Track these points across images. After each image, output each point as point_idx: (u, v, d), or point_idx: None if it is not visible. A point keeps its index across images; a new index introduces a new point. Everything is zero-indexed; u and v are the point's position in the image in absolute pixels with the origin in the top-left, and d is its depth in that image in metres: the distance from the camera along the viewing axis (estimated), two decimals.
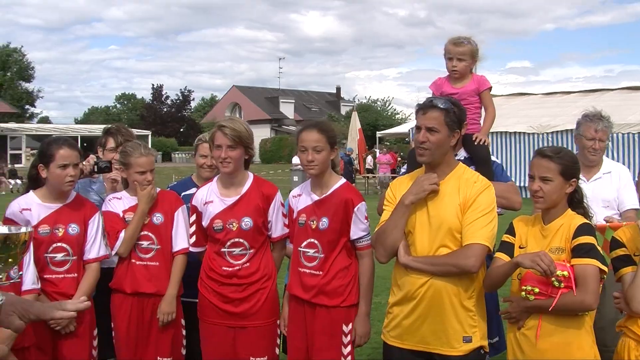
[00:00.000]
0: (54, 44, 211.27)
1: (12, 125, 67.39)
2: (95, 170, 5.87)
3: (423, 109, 4.47)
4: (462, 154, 5.50)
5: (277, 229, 5.36)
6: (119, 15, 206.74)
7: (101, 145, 6.36)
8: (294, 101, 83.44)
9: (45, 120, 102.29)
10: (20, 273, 4.36)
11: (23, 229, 2.52)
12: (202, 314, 5.33)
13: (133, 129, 6.95)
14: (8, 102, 69.67)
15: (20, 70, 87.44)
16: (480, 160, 5.49)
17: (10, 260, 2.39)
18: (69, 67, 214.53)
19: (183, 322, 5.61)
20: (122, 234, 5.38)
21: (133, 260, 5.43)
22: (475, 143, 5.56)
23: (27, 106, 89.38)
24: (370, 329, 5.14)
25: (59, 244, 5.10)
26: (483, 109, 5.80)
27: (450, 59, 5.68)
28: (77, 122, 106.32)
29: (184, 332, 5.62)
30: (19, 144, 62.09)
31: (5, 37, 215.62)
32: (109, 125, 6.64)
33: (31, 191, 5.26)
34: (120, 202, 5.55)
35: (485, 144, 5.60)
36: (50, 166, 5.03)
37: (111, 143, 6.21)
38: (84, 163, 5.74)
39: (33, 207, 5.12)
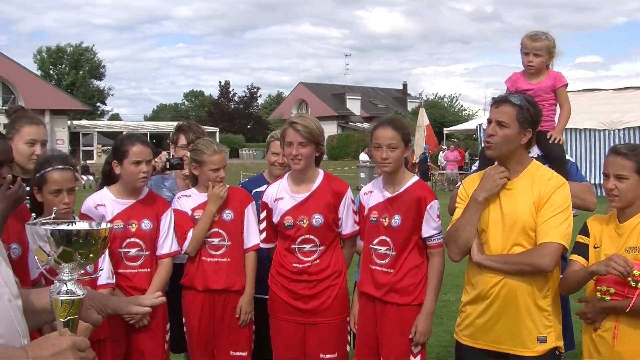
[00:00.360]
0: (124, 42, 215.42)
1: (84, 122, 68.71)
2: (167, 167, 5.93)
3: (497, 102, 4.41)
4: (535, 151, 5.39)
5: (348, 225, 5.34)
6: (186, 14, 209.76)
7: (173, 142, 6.42)
8: (360, 98, 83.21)
9: (115, 117, 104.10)
10: (101, 269, 4.43)
11: (103, 225, 2.55)
12: (272, 310, 5.35)
13: (202, 126, 6.98)
14: (80, 100, 70.91)
15: (91, 69, 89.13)
16: (554, 158, 5.37)
17: (91, 255, 2.42)
18: (138, 65, 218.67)
19: (252, 317, 5.61)
20: (190, 233, 5.43)
21: (204, 257, 5.45)
22: (550, 141, 5.45)
23: (98, 104, 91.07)
24: (431, 328, 5.09)
25: (132, 239, 5.17)
26: (558, 106, 5.67)
27: (526, 54, 5.57)
28: (146, 119, 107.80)
29: (253, 328, 5.63)
30: (90, 140, 63.33)
31: (78, 36, 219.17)
32: (181, 122, 6.67)
33: (105, 187, 5.35)
34: (188, 200, 5.58)
35: (560, 142, 5.48)
36: (124, 162, 5.11)
37: (183, 140, 6.24)
38: (156, 160, 5.79)
39: (107, 203, 5.20)
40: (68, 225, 2.54)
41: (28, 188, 4.69)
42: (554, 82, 5.56)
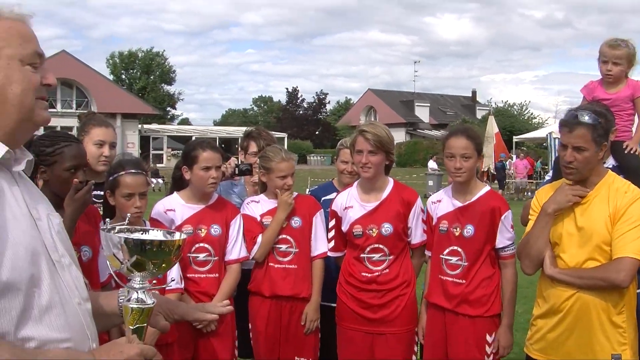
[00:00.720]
0: (194, 48, 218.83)
1: (154, 126, 69.90)
2: (236, 172, 5.94)
3: (568, 125, 4.20)
4: (610, 162, 5.24)
5: (417, 235, 5.27)
6: (256, 20, 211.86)
7: (243, 148, 6.43)
8: (429, 105, 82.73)
9: (185, 121, 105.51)
10: (172, 279, 4.46)
11: (177, 235, 2.54)
12: (340, 318, 5.31)
13: (270, 131, 6.98)
14: (151, 104, 72.03)
15: (162, 74, 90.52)
16: (630, 169, 5.18)
17: (163, 265, 2.42)
18: (208, 71, 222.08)
19: (318, 325, 5.57)
20: (259, 239, 5.41)
21: (271, 264, 5.43)
22: (626, 152, 5.30)
23: (168, 108, 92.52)
24: (513, 340, 5.00)
25: (201, 244, 5.17)
26: (636, 116, 5.50)
27: (605, 62, 5.42)
28: (215, 124, 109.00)
29: (319, 335, 5.60)
30: (160, 144, 64.26)
31: (149, 42, 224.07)
32: (250, 129, 6.67)
33: (175, 192, 5.38)
34: (258, 206, 5.57)
35: (637, 153, 5.32)
36: (194, 168, 5.12)
37: (253, 147, 6.23)
38: (225, 166, 5.80)
39: (177, 207, 5.23)
40: (142, 233, 2.55)
41: (100, 192, 4.77)
42: (633, 92, 5.39)
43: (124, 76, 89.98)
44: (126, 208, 4.55)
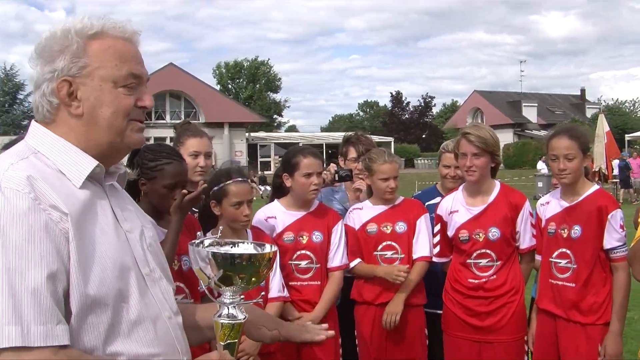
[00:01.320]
0: (299, 55, 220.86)
1: (261, 134, 70.93)
2: (336, 179, 5.87)
3: None
4: None
5: (526, 239, 5.09)
6: (359, 25, 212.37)
7: (342, 154, 6.36)
8: (536, 105, 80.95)
9: (292, 128, 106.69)
10: (262, 294, 4.42)
11: (268, 249, 2.48)
12: (446, 326, 5.19)
13: (376, 136, 6.91)
14: (257, 112, 73.13)
15: (268, 82, 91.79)
16: None
17: (253, 279, 2.34)
18: (313, 77, 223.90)
19: (426, 331, 5.48)
20: (356, 262, 5.36)
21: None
22: None
23: (275, 115, 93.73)
24: (622, 349, 4.74)
25: (303, 252, 5.11)
26: None
27: None
28: (322, 130, 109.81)
29: (427, 342, 5.48)
30: (268, 151, 65.05)
31: (254, 51, 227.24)
32: (350, 134, 6.60)
33: (276, 200, 5.34)
34: (361, 213, 5.49)
35: None
36: (295, 175, 5.07)
37: (352, 153, 6.16)
38: (325, 172, 5.75)
39: (278, 215, 5.18)
40: (231, 246, 2.50)
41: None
42: None
43: (230, 86, 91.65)
44: (235, 217, 4.57)
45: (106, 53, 2.21)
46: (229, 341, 2.33)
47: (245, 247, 2.52)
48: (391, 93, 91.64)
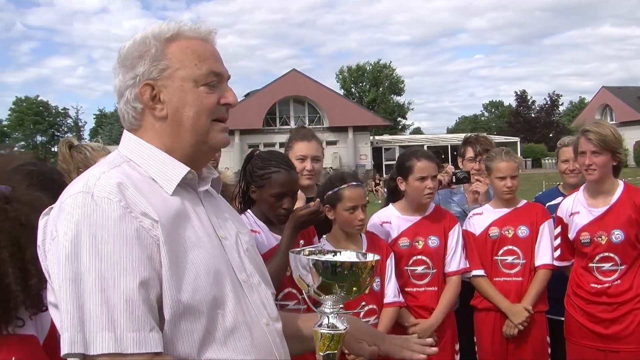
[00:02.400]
0: (421, 57, 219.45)
1: (385, 137, 70.81)
2: (454, 180, 5.77)
3: None
4: None
5: None
6: (481, 25, 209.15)
7: (460, 155, 6.29)
8: None
9: (417, 131, 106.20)
10: (363, 303, 4.37)
11: (370, 257, 2.41)
12: (568, 333, 5.01)
13: (501, 136, 6.77)
14: (381, 116, 73.13)
15: (391, 85, 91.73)
16: None
17: (354, 288, 2.29)
18: (436, 79, 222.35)
19: (549, 339, 5.29)
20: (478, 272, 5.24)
21: (496, 278, 5.24)
22: None
23: (399, 118, 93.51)
24: None
25: (419, 257, 5.02)
26: None
27: None
28: (448, 131, 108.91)
29: (549, 351, 5.29)
30: (392, 155, 64.84)
31: (377, 54, 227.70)
32: (469, 135, 6.53)
33: (391, 204, 5.27)
34: (481, 218, 5.38)
35: None
36: (409, 179, 4.99)
37: (470, 153, 6.09)
38: (442, 174, 5.66)
39: (393, 220, 5.11)
40: (333, 255, 2.45)
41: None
42: None
43: (353, 90, 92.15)
44: (349, 221, 4.53)
45: (184, 53, 2.24)
46: (328, 352, 2.29)
47: (348, 255, 2.47)
48: (516, 92, 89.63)
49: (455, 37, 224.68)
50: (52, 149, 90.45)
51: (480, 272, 5.22)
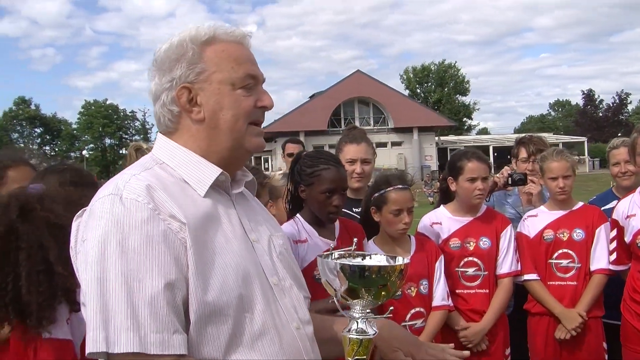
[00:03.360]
0: (487, 57, 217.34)
1: (451, 137, 70.40)
2: (509, 182, 5.65)
3: None
4: None
5: None
6: (547, 23, 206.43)
7: (514, 156, 6.20)
8: None
9: (484, 131, 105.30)
10: (391, 308, 4.30)
11: (400, 260, 2.35)
12: (625, 339, 4.85)
13: (568, 136, 6.65)
14: (446, 116, 72.75)
15: (456, 85, 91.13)
16: None
17: (383, 293, 2.24)
18: (502, 79, 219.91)
19: (605, 345, 5.14)
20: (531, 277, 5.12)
21: (550, 282, 5.11)
22: None
23: (464, 119, 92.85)
24: None
25: (470, 258, 4.93)
26: None
27: None
28: (515, 131, 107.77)
29: (606, 357, 5.14)
30: None
31: (442, 54, 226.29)
32: (522, 135, 6.42)
33: (442, 205, 5.20)
34: (535, 221, 5.25)
35: None
36: (459, 179, 4.92)
37: (523, 153, 5.99)
38: (497, 175, 5.58)
39: (443, 220, 5.04)
40: (362, 259, 2.41)
41: (359, 209, 4.74)
42: None
43: (418, 90, 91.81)
44: (394, 224, 4.47)
45: (221, 57, 2.24)
46: (357, 357, 2.24)
47: (378, 259, 2.43)
48: (583, 91, 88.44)
49: (521, 35, 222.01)
50: (120, 152, 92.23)
51: (534, 275, 5.10)
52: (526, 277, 5.09)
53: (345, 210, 4.51)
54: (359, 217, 4.82)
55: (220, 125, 2.22)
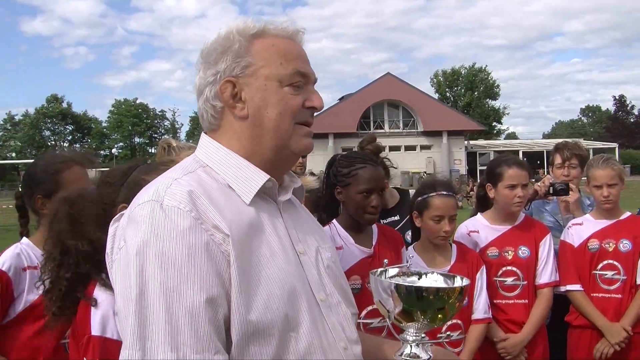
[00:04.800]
0: (517, 61, 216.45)
1: (480, 142, 70.07)
2: (551, 192, 5.51)
3: None
4: None
5: None
6: (579, 28, 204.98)
7: (550, 163, 6.07)
8: None
9: (512, 136, 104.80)
10: (448, 333, 4.18)
11: (459, 281, 2.24)
12: None
13: (599, 142, 6.52)
14: (476, 120, 72.39)
15: (486, 89, 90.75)
16: None
17: (440, 316, 2.11)
18: (532, 83, 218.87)
19: None
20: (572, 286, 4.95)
21: (593, 294, 4.93)
22: None
23: (494, 123, 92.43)
24: None
25: (508, 268, 4.79)
26: None
27: None
28: (544, 136, 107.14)
29: None
30: (487, 160, 64.02)
31: (472, 58, 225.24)
32: (560, 141, 6.26)
33: (479, 213, 5.08)
34: (580, 229, 5.07)
35: None
36: (499, 186, 4.79)
37: (558, 159, 5.86)
38: (538, 184, 5.46)
39: (481, 229, 4.91)
40: (418, 278, 2.29)
41: (395, 217, 4.64)
42: None
43: (448, 94, 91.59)
44: (434, 231, 4.36)
45: (270, 51, 2.11)
46: None
47: (434, 279, 2.30)
48: (614, 97, 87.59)
49: (552, 40, 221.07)
50: (150, 150, 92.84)
51: (578, 286, 4.93)
52: (569, 287, 4.93)
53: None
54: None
55: (265, 124, 2.08)
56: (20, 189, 3.97)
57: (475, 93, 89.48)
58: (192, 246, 1.80)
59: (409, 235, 4.89)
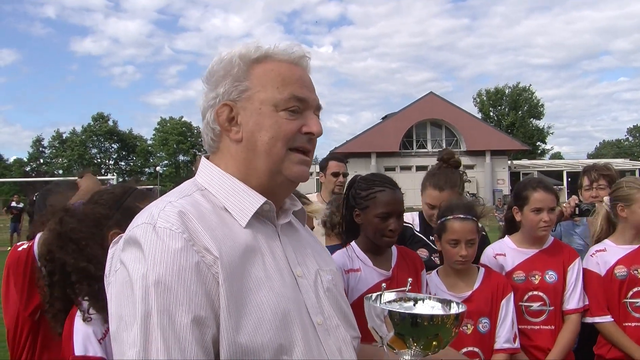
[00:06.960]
0: (563, 80, 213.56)
1: (524, 162, 69.37)
2: (577, 212, 5.43)
3: None
4: None
5: None
6: (626, 47, 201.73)
7: (579, 185, 5.99)
8: None
9: (557, 156, 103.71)
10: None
11: (455, 308, 2.19)
12: None
13: None
14: (520, 140, 71.80)
15: (530, 108, 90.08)
16: None
17: (434, 343, 2.05)
18: (578, 102, 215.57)
19: None
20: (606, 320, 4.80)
21: (626, 323, 4.78)
22: None
23: (538, 143, 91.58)
24: None
25: (534, 292, 4.68)
26: None
27: None
28: (589, 156, 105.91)
29: None
30: None
31: (515, 77, 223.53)
32: (588, 164, 6.19)
33: (507, 236, 4.99)
34: (605, 256, 4.92)
35: None
36: (524, 209, 4.72)
37: (586, 181, 5.81)
38: (564, 205, 5.37)
39: (507, 252, 4.82)
40: (414, 303, 2.25)
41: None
42: None
43: (492, 113, 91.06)
44: (450, 255, 4.29)
45: (267, 76, 2.13)
46: None
47: (431, 305, 2.26)
48: None
49: (598, 59, 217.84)
50: (193, 168, 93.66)
51: (608, 317, 4.78)
52: (598, 319, 4.77)
53: None
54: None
55: (258, 147, 2.09)
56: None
57: (519, 112, 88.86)
58: (182, 267, 1.82)
59: None
